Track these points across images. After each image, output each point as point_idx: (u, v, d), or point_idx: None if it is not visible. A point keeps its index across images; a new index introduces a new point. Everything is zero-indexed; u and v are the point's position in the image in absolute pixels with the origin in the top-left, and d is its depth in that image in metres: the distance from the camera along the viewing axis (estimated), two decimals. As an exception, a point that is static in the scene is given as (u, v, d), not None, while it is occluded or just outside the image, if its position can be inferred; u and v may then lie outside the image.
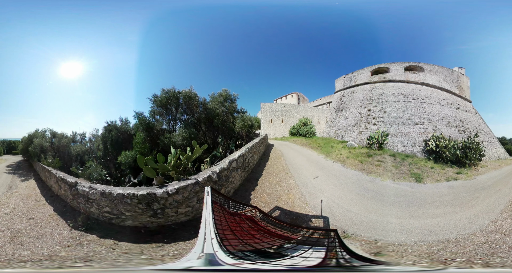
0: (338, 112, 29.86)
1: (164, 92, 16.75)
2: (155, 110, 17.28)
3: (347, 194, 8.96)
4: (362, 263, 3.29)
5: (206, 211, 3.10)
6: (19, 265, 4.18)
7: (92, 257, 4.46)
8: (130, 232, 5.56)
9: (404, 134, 21.02)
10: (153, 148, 15.12)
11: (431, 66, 25.64)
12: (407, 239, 5.86)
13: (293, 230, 4.69)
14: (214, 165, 7.90)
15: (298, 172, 11.67)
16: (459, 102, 25.15)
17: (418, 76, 25.14)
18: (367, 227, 6.53)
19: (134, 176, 11.91)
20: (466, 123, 23.60)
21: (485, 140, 23.57)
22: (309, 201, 8.07)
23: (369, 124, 23.95)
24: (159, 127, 17.22)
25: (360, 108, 26.24)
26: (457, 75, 26.55)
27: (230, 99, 18.88)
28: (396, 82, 25.61)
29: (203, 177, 6.25)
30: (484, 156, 17.67)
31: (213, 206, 3.28)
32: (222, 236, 2.88)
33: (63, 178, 8.08)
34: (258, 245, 3.34)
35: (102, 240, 5.36)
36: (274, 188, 9.12)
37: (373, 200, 8.51)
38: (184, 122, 17.33)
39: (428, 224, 6.71)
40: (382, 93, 25.40)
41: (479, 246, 5.33)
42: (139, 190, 5.66)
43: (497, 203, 8.47)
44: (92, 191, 6.18)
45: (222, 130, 17.76)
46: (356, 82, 29.14)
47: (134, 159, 12.92)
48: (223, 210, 3.73)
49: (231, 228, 3.38)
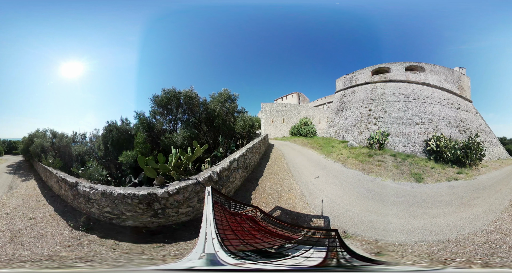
0: (339, 112, 29.85)
1: (164, 92, 16.76)
2: (156, 110, 17.30)
3: (348, 194, 8.96)
4: (363, 263, 3.29)
5: (207, 211, 3.10)
6: (19, 265, 4.19)
7: (93, 257, 4.47)
8: (131, 232, 5.57)
9: (404, 134, 21.01)
10: (154, 148, 15.14)
11: (432, 66, 25.63)
12: (407, 239, 5.85)
13: (294, 230, 4.69)
14: (215, 165, 7.91)
15: (298, 172, 11.67)
16: (459, 102, 25.13)
17: (418, 76, 25.13)
18: (368, 227, 6.52)
19: (135, 176, 11.92)
20: (466, 123, 23.58)
21: (485, 140, 23.56)
22: (310, 201, 8.08)
23: (369, 124, 23.94)
24: (160, 127, 17.24)
25: (361, 108, 26.23)
26: (457, 75, 26.53)
27: (230, 99, 18.88)
28: (396, 82, 25.60)
29: (203, 177, 6.26)
30: (485, 156, 17.66)
31: (214, 206, 3.28)
32: (223, 236, 2.88)
33: (64, 178, 8.09)
34: (259, 245, 3.35)
35: (103, 240, 5.37)
36: (275, 188, 9.13)
37: (374, 200, 8.51)
38: (185, 122, 17.34)
39: (428, 224, 6.70)
40: (382, 93, 25.39)
41: (479, 246, 5.33)
42: (140, 190, 5.66)
43: (498, 203, 8.46)
44: (92, 191, 6.19)
45: (223, 130, 17.76)
46: (357, 82, 29.14)
47: (135, 159, 12.93)
48: (224, 210, 3.73)
49: (232, 228, 3.38)
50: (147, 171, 6.37)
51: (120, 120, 17.69)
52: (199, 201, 6.02)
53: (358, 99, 27.47)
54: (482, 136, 23.63)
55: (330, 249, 3.54)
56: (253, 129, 19.66)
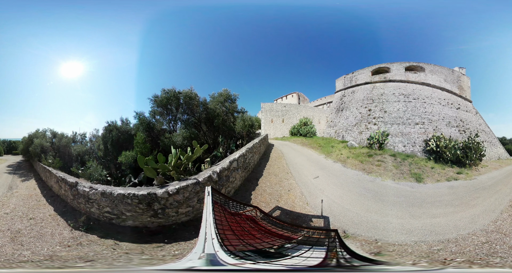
0: (339, 112, 29.86)
1: (164, 92, 16.78)
2: (156, 110, 17.31)
3: (348, 194, 8.96)
4: (362, 263, 3.29)
5: (206, 211, 3.10)
6: (19, 265, 4.18)
7: (92, 257, 4.47)
8: (131, 232, 5.57)
9: (404, 134, 21.02)
10: (154, 148, 15.14)
11: (432, 66, 25.64)
12: (407, 239, 5.86)
13: (294, 230, 4.69)
14: (215, 165, 7.91)
15: (298, 172, 11.67)
16: (459, 102, 25.15)
17: (418, 76, 25.13)
18: (368, 227, 6.53)
19: (135, 176, 11.92)
20: (466, 123, 23.59)
21: (485, 140, 23.57)
22: (310, 201, 8.08)
23: (369, 124, 23.95)
24: (160, 127, 17.25)
25: (361, 108, 26.24)
26: (457, 75, 26.54)
27: (230, 99, 18.91)
28: (396, 82, 25.61)
29: (203, 177, 6.26)
30: (485, 156, 17.67)
31: (214, 206, 3.28)
32: (222, 236, 2.88)
33: (64, 178, 8.09)
34: (259, 245, 3.35)
35: (102, 240, 5.37)
36: (275, 188, 9.13)
37: (374, 200, 8.51)
38: (185, 122, 17.36)
39: (428, 224, 6.71)
40: (382, 93, 25.40)
41: (479, 246, 5.33)
42: (140, 190, 5.66)
43: (498, 203, 8.47)
44: (92, 191, 6.19)
45: (223, 130, 17.78)
46: (357, 82, 29.14)
47: (135, 159, 12.93)
48: (224, 210, 3.73)
49: (231, 228, 3.38)
50: (147, 171, 6.37)
51: (120, 120, 17.72)
52: (198, 201, 6.02)
53: (358, 99, 27.48)
54: (482, 136, 23.64)
55: (330, 249, 3.54)
56: (253, 129, 19.67)
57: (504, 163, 20.02)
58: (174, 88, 16.91)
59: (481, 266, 4.28)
